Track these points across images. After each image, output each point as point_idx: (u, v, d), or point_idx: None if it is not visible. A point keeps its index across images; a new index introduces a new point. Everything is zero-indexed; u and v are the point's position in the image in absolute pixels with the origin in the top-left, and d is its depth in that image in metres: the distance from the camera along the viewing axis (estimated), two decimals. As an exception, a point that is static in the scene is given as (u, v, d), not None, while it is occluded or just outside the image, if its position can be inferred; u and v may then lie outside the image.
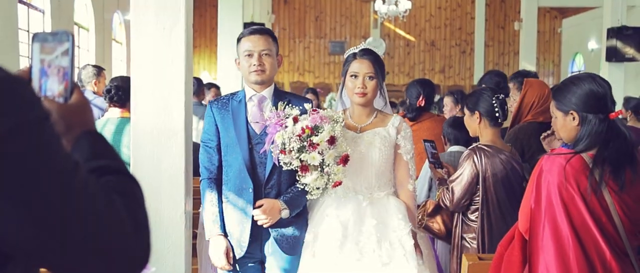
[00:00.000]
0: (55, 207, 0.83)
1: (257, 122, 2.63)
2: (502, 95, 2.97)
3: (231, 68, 8.65)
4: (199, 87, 5.67)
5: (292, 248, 2.65)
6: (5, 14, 6.49)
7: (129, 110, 3.48)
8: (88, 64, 5.21)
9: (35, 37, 1.04)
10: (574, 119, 2.19)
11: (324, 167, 2.44)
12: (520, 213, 2.30)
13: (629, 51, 8.98)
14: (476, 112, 2.95)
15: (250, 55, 2.62)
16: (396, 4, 12.84)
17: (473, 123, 2.99)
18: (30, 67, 1.04)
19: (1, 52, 6.17)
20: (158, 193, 2.69)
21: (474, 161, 2.87)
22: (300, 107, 2.56)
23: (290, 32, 15.81)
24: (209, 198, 2.64)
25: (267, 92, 2.67)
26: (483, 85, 4.49)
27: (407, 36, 15.83)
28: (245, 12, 9.51)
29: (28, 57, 7.77)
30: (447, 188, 2.95)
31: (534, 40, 12.51)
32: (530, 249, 2.22)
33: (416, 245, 2.61)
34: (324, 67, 15.89)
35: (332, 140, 2.44)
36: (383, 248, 2.54)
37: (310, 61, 15.97)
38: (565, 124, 2.22)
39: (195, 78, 5.67)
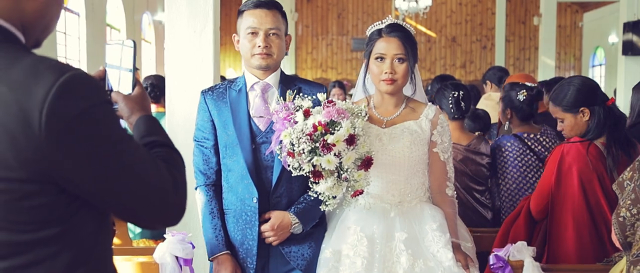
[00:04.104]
0: (115, 165, 1.09)
1: (261, 117, 2.20)
2: (459, 92, 3.16)
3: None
4: (225, 84, 6.02)
5: (307, 267, 2.21)
6: (45, 17, 6.90)
7: (163, 106, 3.84)
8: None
9: (107, 44, 1.42)
10: (584, 115, 2.50)
11: (341, 172, 2.01)
12: (535, 194, 2.64)
13: (646, 45, 9.11)
14: (438, 105, 3.21)
15: (254, 34, 2.16)
16: (416, 1, 13.06)
17: None
18: (105, 68, 1.40)
19: (41, 52, 6.58)
20: (191, 178, 3.01)
21: None
22: (313, 97, 2.11)
23: (313, 29, 16.11)
24: (208, 209, 2.21)
25: (272, 78, 2.22)
26: (487, 81, 4.79)
27: (429, 32, 16.01)
28: (269, 11, 9.81)
29: (64, 57, 8.22)
30: None
31: (554, 35, 12.60)
32: (550, 225, 2.56)
33: (461, 258, 2.19)
34: (347, 64, 16.18)
35: (351, 140, 1.98)
36: (417, 267, 2.11)
37: (333, 58, 16.25)
38: (576, 122, 2.53)
39: (221, 76, 6.03)
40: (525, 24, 15.80)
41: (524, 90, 3.24)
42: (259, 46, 2.14)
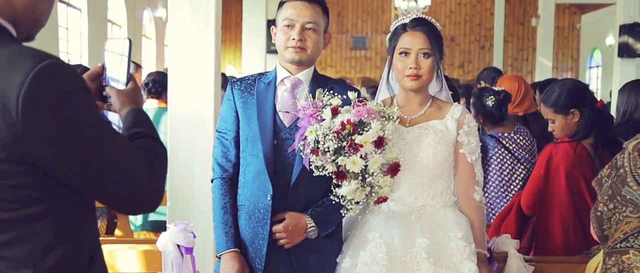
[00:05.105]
0: (89, 150, 1.13)
1: (287, 112, 2.08)
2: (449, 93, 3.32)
3: (256, 63, 9.11)
4: (225, 81, 6.17)
5: None
6: (47, 13, 6.99)
7: (164, 102, 3.94)
8: (129, 60, 5.81)
9: (106, 42, 1.51)
10: (574, 116, 2.61)
11: (366, 176, 1.90)
12: (525, 192, 2.76)
13: (641, 47, 9.23)
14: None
15: (290, 27, 2.06)
16: (415, 1, 13.16)
17: None
18: (103, 64, 1.48)
19: (43, 47, 6.63)
20: (191, 171, 3.11)
21: None
22: (343, 97, 1.98)
23: (312, 27, 16.20)
24: (221, 203, 2.11)
25: (304, 75, 2.11)
26: (481, 81, 4.91)
27: (427, 32, 16.12)
28: (269, 9, 9.92)
29: (66, 52, 8.32)
30: None
31: (551, 36, 12.70)
32: (538, 220, 2.68)
33: (484, 271, 2.05)
34: (346, 62, 16.28)
35: (379, 142, 1.88)
36: None
37: (332, 56, 16.35)
38: (567, 123, 2.64)
39: (221, 73, 6.18)
40: (524, 25, 15.91)
41: (492, 96, 3.36)
42: (293, 39, 2.05)
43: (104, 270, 1.32)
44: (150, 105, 4.04)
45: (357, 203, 1.94)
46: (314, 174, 1.92)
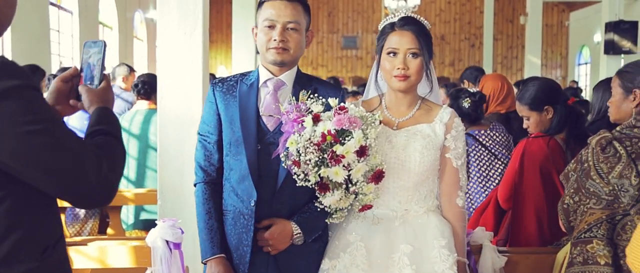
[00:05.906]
0: (35, 141, 1.17)
1: (271, 115, 2.03)
2: None
3: (246, 65, 9.17)
4: (215, 82, 6.29)
5: None
6: (39, 15, 7.06)
7: (154, 103, 4.02)
8: (124, 63, 5.91)
9: (85, 44, 1.60)
10: (548, 113, 2.73)
11: (349, 185, 1.87)
12: (501, 186, 2.86)
13: (626, 44, 9.39)
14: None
15: (271, 27, 2.00)
16: (405, 0, 13.28)
17: None
18: (81, 64, 1.56)
19: (36, 50, 6.74)
20: (181, 171, 3.19)
21: None
22: (325, 101, 1.93)
23: (303, 27, 16.29)
24: (205, 208, 2.06)
25: (287, 76, 2.06)
26: (464, 80, 5.02)
27: (418, 30, 16.22)
28: (259, 10, 9.99)
29: (58, 54, 8.38)
30: None
31: (540, 34, 12.86)
32: (513, 215, 2.78)
33: None
34: (337, 61, 16.38)
35: (362, 151, 1.84)
36: None
37: (323, 56, 16.45)
38: (541, 119, 2.76)
39: (209, 74, 6.28)
40: (513, 23, 16.05)
41: (468, 97, 3.45)
42: (275, 40, 1.98)
43: (61, 262, 1.35)
44: (140, 107, 4.11)
45: (341, 210, 1.92)
46: (297, 184, 1.89)
